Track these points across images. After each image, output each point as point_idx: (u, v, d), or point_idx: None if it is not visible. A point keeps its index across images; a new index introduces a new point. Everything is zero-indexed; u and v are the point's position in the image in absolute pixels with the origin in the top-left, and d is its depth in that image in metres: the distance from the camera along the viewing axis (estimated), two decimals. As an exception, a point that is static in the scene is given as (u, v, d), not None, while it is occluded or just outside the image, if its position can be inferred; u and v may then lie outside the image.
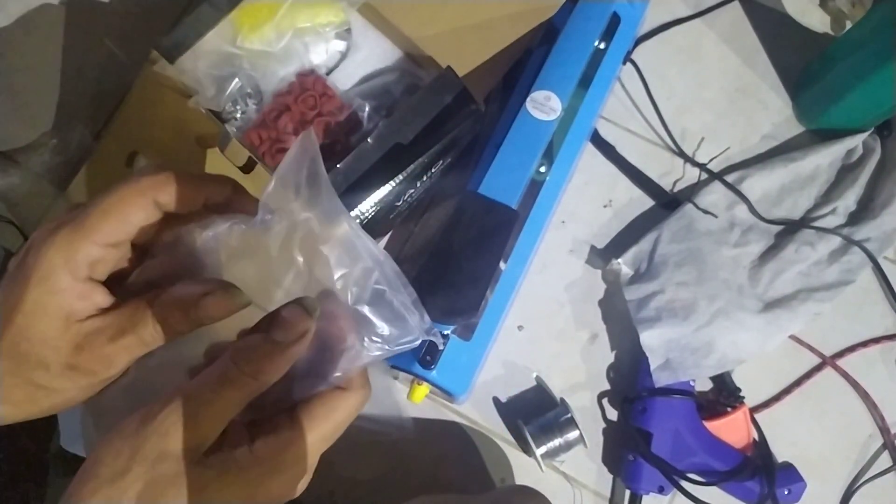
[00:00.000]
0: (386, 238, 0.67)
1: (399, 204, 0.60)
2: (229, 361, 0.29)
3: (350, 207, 0.53)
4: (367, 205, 0.57)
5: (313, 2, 0.57)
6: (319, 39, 0.57)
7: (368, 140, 0.52)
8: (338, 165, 0.52)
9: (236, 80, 0.56)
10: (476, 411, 0.64)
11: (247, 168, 0.58)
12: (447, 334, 0.54)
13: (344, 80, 0.62)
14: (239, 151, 0.57)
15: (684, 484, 0.57)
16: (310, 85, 0.58)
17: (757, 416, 0.62)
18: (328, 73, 0.60)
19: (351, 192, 0.53)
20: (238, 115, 0.58)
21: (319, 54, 0.58)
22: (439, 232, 0.50)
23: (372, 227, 0.60)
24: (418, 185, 0.60)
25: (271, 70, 0.56)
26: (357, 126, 0.59)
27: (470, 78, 0.61)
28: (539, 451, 0.60)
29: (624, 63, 0.68)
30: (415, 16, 0.60)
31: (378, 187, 0.56)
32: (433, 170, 0.61)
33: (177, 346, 0.32)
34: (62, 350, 0.30)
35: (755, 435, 0.62)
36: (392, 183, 0.56)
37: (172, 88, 0.59)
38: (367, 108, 0.59)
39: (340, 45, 0.60)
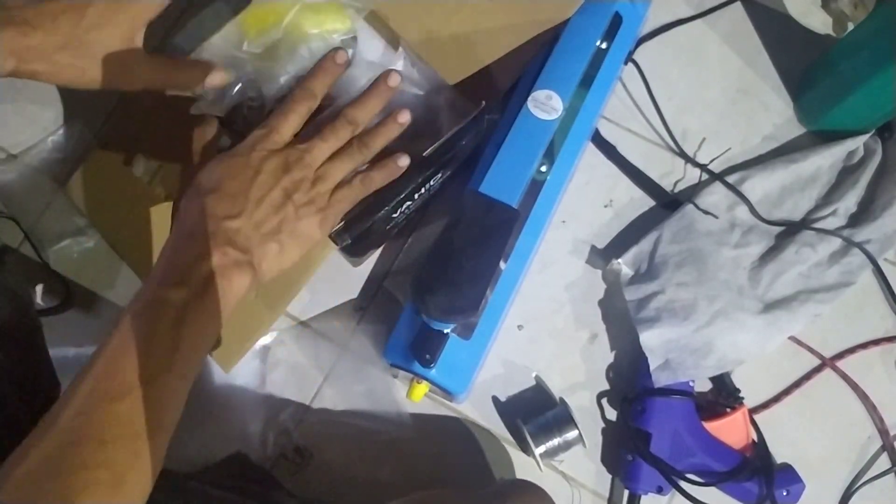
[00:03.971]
0: (380, 249, 0.67)
1: (396, 216, 0.60)
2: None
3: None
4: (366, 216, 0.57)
5: (320, 8, 0.57)
6: (325, 46, 0.57)
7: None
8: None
9: (239, 85, 0.56)
10: (475, 410, 0.64)
11: None
12: (447, 332, 0.54)
13: (347, 88, 0.62)
14: None
15: (683, 484, 0.57)
16: None
17: (756, 417, 0.62)
18: None
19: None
20: (240, 121, 0.58)
21: None
22: (434, 245, 0.50)
23: (368, 237, 0.60)
24: (416, 197, 0.60)
25: (275, 76, 0.56)
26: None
27: (477, 87, 0.61)
28: (538, 451, 0.60)
29: (625, 63, 0.68)
30: (421, 25, 0.60)
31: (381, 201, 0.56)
32: (432, 182, 0.61)
33: None
34: None
35: (754, 436, 0.62)
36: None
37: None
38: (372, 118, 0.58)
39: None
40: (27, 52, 0.44)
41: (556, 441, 0.60)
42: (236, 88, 0.56)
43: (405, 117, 0.51)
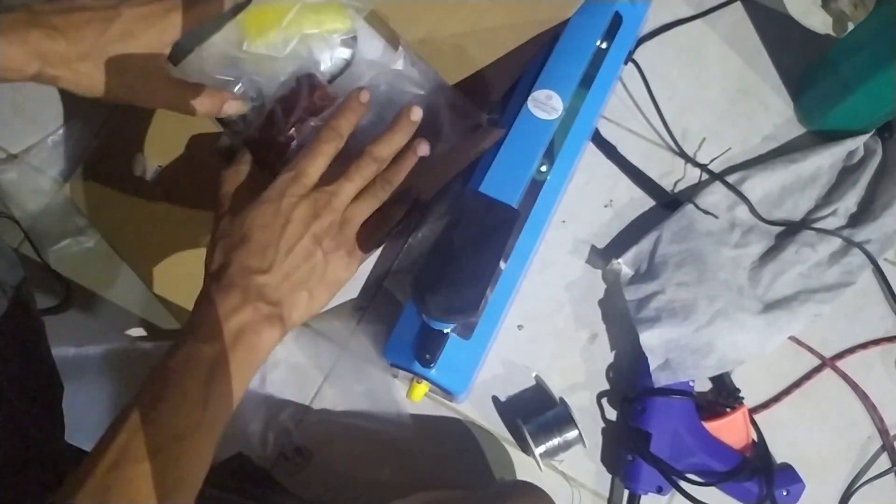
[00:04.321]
0: (379, 250, 0.67)
1: None
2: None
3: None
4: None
5: (320, 8, 0.57)
6: (325, 46, 0.57)
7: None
8: None
9: (240, 84, 0.56)
10: (475, 410, 0.64)
11: None
12: (447, 332, 0.54)
13: (347, 89, 0.62)
14: None
15: (683, 484, 0.57)
16: (310, 91, 0.58)
17: (756, 417, 0.62)
18: (331, 81, 0.59)
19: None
20: (240, 121, 0.58)
21: (324, 61, 0.58)
22: (434, 245, 0.50)
23: None
24: None
25: (275, 76, 0.56)
26: (357, 134, 0.59)
27: (477, 87, 0.61)
28: (538, 451, 0.60)
29: (625, 63, 0.68)
30: (421, 25, 0.60)
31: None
32: None
33: None
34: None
35: (754, 436, 0.62)
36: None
37: None
38: (370, 117, 0.58)
39: (345, 53, 0.59)
40: (51, 56, 0.44)
41: (556, 441, 0.60)
42: (236, 88, 0.56)
43: (424, 149, 0.51)
